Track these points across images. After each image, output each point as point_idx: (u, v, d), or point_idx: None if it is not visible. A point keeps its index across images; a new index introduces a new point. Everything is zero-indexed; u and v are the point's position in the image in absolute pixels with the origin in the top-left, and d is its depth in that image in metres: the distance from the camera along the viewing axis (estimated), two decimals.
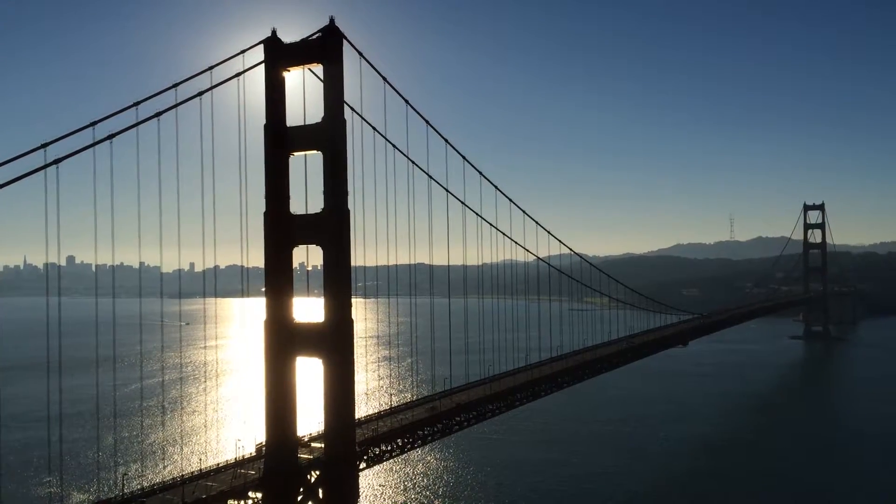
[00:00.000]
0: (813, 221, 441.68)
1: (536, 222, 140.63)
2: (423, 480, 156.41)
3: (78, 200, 78.51)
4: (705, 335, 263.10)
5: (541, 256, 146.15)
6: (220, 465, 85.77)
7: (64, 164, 69.88)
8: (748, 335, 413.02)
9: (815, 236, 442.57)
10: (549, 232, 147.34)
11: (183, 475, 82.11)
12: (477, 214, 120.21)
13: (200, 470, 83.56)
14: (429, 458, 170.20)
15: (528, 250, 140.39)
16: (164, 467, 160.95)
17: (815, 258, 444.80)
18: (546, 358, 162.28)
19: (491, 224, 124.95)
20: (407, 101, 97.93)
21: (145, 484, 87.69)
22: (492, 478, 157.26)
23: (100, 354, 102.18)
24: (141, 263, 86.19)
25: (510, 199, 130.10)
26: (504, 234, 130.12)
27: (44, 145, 69.00)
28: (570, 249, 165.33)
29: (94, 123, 72.76)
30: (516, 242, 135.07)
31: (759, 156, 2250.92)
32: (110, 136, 73.70)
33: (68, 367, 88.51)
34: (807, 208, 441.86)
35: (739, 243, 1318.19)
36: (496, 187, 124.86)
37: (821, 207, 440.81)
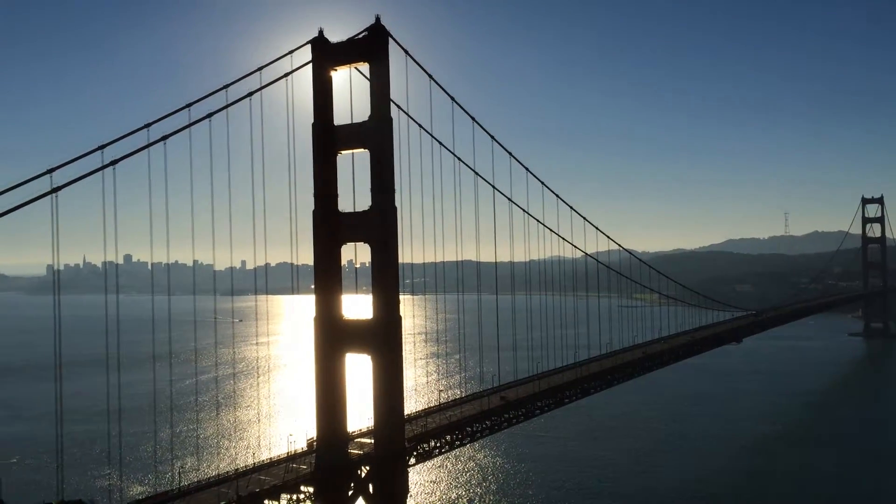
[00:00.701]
0: (872, 215, 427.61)
1: (584, 218, 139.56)
2: (471, 477, 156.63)
3: (134, 200, 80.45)
4: (759, 332, 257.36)
5: (589, 253, 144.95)
6: (273, 460, 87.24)
7: (120, 165, 71.74)
8: (804, 332, 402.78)
9: (875, 230, 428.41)
10: (597, 228, 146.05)
11: (237, 469, 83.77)
12: (524, 211, 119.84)
13: (254, 464, 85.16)
14: (478, 454, 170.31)
15: (575, 246, 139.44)
16: (219, 461, 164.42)
17: (874, 253, 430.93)
18: (595, 355, 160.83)
19: (538, 220, 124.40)
20: (453, 98, 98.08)
21: (201, 477, 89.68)
22: (540, 475, 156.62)
23: (156, 351, 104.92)
24: (195, 262, 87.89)
25: (557, 195, 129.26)
26: (551, 230, 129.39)
27: (101, 147, 70.80)
28: (619, 245, 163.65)
29: (148, 125, 74.40)
30: (564, 239, 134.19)
31: (814, 149, 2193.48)
32: (164, 138, 75.34)
33: (127, 362, 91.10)
34: (865, 202, 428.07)
35: (794, 238, 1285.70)
36: (543, 183, 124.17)
37: (880, 201, 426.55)
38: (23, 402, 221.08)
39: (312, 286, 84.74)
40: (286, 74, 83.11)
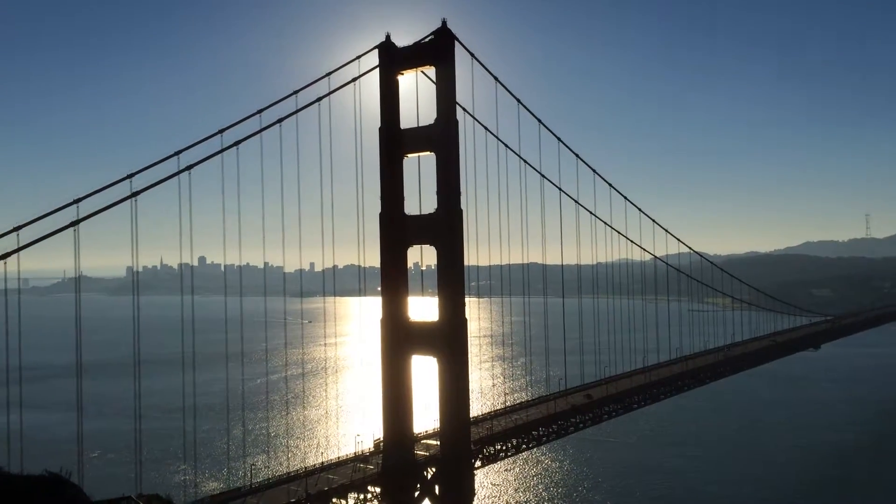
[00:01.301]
0: None
1: (653, 220, 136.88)
2: (537, 481, 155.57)
3: (208, 204, 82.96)
4: (838, 338, 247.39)
5: (658, 255, 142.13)
6: (341, 459, 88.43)
7: (195, 169, 74.04)
8: (887, 339, 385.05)
9: None
10: (666, 230, 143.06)
11: (306, 467, 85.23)
12: (590, 213, 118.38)
13: (322, 463, 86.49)
14: (544, 458, 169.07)
15: (644, 249, 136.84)
16: (288, 459, 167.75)
17: None
18: (665, 360, 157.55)
19: (605, 222, 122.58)
20: (518, 100, 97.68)
21: (271, 474, 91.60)
22: (607, 480, 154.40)
23: (229, 350, 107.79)
24: (265, 264, 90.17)
25: (625, 197, 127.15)
26: (619, 232, 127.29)
27: (177, 153, 73.23)
28: (689, 248, 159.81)
29: (221, 131, 76.56)
30: (632, 241, 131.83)
31: None
32: (236, 143, 77.41)
33: (201, 361, 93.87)
34: None
35: (877, 241, 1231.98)
36: (610, 185, 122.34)
37: None
38: (105, 399, 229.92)
39: (379, 288, 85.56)
40: (354, 79, 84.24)
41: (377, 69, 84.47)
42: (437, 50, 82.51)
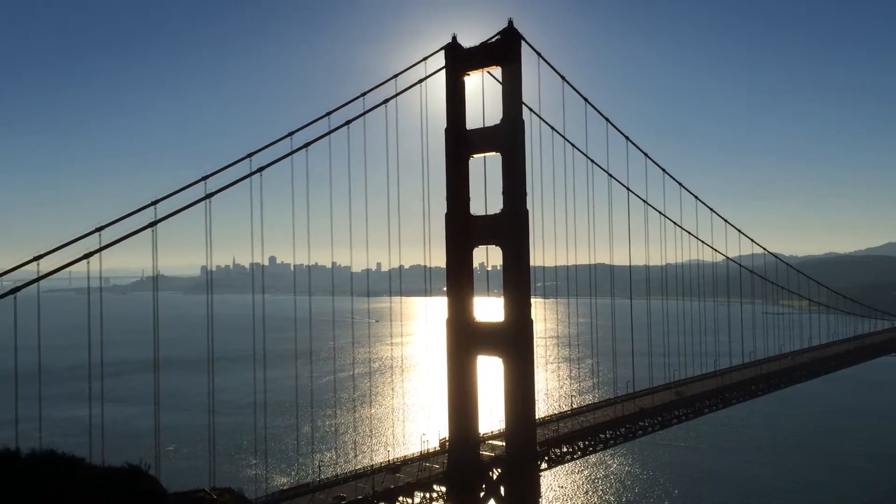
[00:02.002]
0: None
1: (725, 220, 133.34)
2: (604, 484, 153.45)
3: (278, 205, 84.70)
4: None
5: (730, 256, 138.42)
6: (407, 458, 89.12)
7: (266, 171, 75.71)
8: None
9: None
10: (739, 230, 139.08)
11: (373, 465, 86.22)
12: (660, 213, 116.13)
13: (388, 461, 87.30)
14: (611, 461, 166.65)
15: (715, 250, 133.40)
16: (355, 456, 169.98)
17: None
18: (737, 364, 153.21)
19: (675, 223, 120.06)
20: (586, 99, 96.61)
21: (339, 471, 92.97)
22: (679, 486, 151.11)
23: (298, 348, 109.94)
24: (333, 264, 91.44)
25: (696, 196, 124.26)
26: (689, 232, 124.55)
27: (248, 155, 75.01)
28: (764, 249, 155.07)
29: (291, 134, 78.08)
30: (703, 241, 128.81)
31: None
32: (305, 145, 78.84)
33: (271, 359, 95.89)
34: None
35: None
36: (680, 184, 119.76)
37: None
38: (180, 394, 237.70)
39: (444, 288, 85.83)
40: (420, 81, 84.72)
41: (443, 70, 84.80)
42: (503, 50, 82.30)
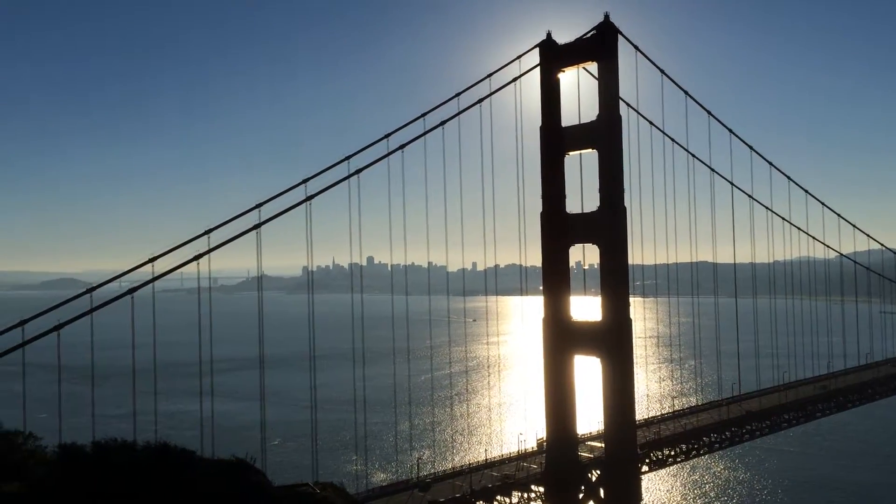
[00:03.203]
0: None
1: (838, 214, 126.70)
2: (708, 489, 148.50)
3: (376, 206, 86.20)
4: None
5: (844, 253, 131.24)
6: (504, 457, 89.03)
7: (363, 173, 77.22)
8: None
9: None
10: (853, 225, 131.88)
11: (470, 464, 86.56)
12: (766, 208, 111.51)
13: (486, 460, 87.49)
14: (716, 466, 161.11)
15: (828, 246, 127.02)
16: (453, 454, 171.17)
17: None
18: (852, 366, 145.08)
19: (783, 218, 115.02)
20: (686, 92, 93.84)
21: (437, 469, 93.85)
22: (786, 494, 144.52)
23: (395, 346, 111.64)
24: (429, 263, 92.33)
25: (805, 191, 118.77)
26: (799, 228, 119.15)
27: (346, 158, 76.75)
28: (881, 244, 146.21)
29: (387, 136, 79.38)
30: (814, 237, 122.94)
31: None
32: (401, 147, 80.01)
33: (370, 357, 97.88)
34: None
35: None
36: (789, 178, 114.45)
37: None
38: (283, 390, 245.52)
39: (541, 287, 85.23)
40: (514, 79, 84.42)
41: (538, 68, 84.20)
42: (599, 45, 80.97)
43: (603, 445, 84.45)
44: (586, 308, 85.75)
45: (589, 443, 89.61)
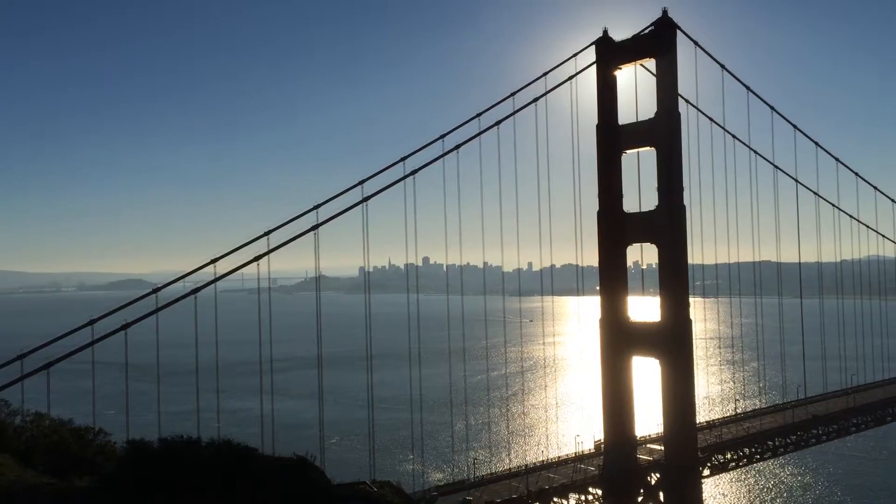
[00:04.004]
0: None
1: None
2: (772, 495, 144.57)
3: (431, 207, 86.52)
4: None
5: None
6: (561, 459, 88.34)
7: (419, 173, 77.54)
8: None
9: None
10: None
11: (527, 465, 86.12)
12: (833, 206, 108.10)
13: (542, 461, 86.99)
14: (780, 471, 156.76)
15: None
16: (509, 455, 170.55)
17: None
18: None
19: (850, 216, 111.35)
20: (748, 88, 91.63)
21: (493, 469, 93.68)
22: (854, 501, 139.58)
23: (451, 346, 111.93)
24: (485, 263, 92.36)
25: (875, 187, 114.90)
26: (867, 226, 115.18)
27: (402, 159, 77.23)
28: None
29: (443, 136, 79.55)
30: (883, 236, 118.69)
31: None
32: (456, 147, 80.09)
33: (426, 357, 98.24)
34: None
35: None
36: (856, 174, 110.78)
37: None
38: (341, 389, 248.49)
39: (597, 288, 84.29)
40: (570, 77, 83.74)
41: (594, 65, 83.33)
42: (657, 41, 79.75)
43: (662, 448, 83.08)
44: (644, 308, 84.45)
45: (648, 445, 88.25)
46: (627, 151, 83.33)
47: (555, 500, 77.34)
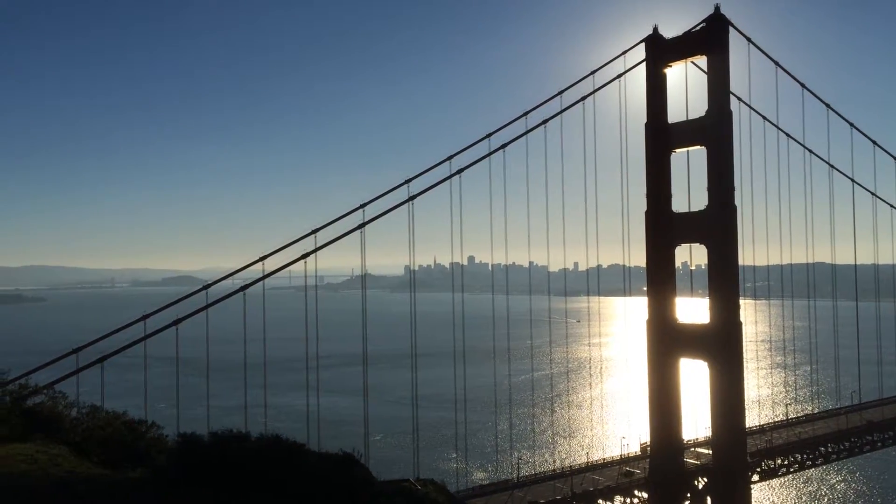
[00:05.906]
0: None
1: None
2: (823, 503, 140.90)
3: (477, 206, 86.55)
4: None
5: None
6: (606, 461, 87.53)
7: (465, 172, 77.57)
8: None
9: None
10: None
11: (571, 466, 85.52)
12: (891, 206, 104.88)
13: (587, 463, 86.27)
14: (832, 478, 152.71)
15: None
16: (553, 456, 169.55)
17: None
18: None
19: None
20: (803, 85, 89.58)
21: (537, 470, 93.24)
22: None
23: (496, 346, 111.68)
24: (530, 263, 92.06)
25: None
26: None
27: (448, 158, 77.40)
28: None
29: (489, 135, 79.47)
30: None
31: None
32: (503, 146, 79.92)
33: (470, 355, 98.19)
34: None
35: None
36: None
37: None
38: (385, 387, 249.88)
39: (645, 288, 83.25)
40: (619, 75, 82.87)
41: (643, 63, 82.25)
42: (709, 38, 78.37)
43: (710, 452, 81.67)
44: (693, 310, 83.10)
45: (695, 449, 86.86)
46: (677, 150, 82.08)
47: (599, 502, 76.66)
